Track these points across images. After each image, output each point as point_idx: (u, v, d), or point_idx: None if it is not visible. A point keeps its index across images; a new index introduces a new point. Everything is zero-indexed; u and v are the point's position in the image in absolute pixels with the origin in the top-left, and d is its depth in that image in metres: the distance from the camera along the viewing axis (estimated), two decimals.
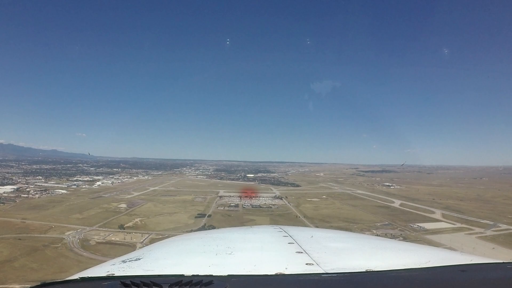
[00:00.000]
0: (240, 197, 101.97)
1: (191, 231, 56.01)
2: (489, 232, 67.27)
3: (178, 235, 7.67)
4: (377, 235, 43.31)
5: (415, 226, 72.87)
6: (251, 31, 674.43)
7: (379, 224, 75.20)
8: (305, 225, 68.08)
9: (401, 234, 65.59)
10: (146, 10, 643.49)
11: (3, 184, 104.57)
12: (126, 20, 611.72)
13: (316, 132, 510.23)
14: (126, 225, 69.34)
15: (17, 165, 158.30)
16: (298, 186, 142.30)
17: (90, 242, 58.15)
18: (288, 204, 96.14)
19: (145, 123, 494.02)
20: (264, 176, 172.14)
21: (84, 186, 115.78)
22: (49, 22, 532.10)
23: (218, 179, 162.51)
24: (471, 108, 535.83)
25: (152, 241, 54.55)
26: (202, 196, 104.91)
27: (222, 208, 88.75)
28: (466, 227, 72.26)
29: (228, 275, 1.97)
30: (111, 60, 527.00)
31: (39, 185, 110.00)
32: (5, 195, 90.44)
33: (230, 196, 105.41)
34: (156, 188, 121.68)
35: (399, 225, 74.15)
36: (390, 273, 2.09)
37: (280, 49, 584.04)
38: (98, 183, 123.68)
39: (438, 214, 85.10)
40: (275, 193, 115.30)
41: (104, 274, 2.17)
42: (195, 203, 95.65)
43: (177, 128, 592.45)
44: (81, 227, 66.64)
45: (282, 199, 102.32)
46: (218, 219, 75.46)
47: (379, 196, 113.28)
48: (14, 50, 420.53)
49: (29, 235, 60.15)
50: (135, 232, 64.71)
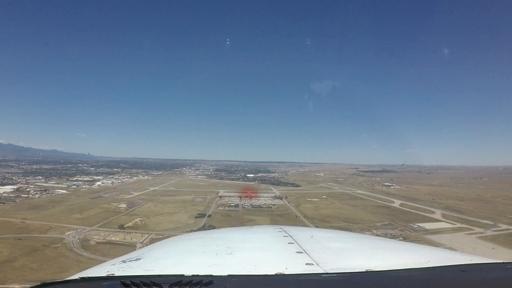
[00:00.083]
0: (240, 197, 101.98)
1: (191, 231, 56.01)
2: (489, 232, 67.28)
3: (178, 235, 7.67)
4: (377, 235, 43.32)
5: (415, 226, 72.89)
6: (251, 31, 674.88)
7: (379, 224, 75.22)
8: (305, 225, 68.08)
9: (401, 234, 65.60)
10: (146, 10, 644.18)
11: (3, 184, 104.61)
12: (126, 20, 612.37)
13: (316, 132, 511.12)
14: (126, 225, 69.37)
15: (17, 165, 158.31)
16: (298, 186, 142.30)
17: (90, 242, 58.17)
18: (288, 204, 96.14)
19: (145, 123, 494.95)
20: (264, 176, 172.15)
21: (84, 186, 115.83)
22: (49, 22, 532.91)
23: (218, 179, 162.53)
24: (471, 108, 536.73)
25: (152, 241, 54.55)
26: (202, 196, 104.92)
27: (222, 208, 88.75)
28: (466, 227, 72.28)
29: (228, 275, 1.98)
30: (111, 60, 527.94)
31: (39, 185, 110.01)
32: (5, 195, 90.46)
33: (230, 196, 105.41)
34: (156, 188, 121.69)
35: (399, 225, 74.17)
36: (390, 273, 2.09)
37: (280, 49, 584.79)
38: (98, 183, 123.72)
39: (438, 214, 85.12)
40: (275, 193, 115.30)
41: (104, 274, 2.18)
42: (195, 203, 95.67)
43: (177, 128, 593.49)
44: (81, 227, 66.66)
45: (282, 199, 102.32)
46: (218, 219, 75.48)
47: (379, 196, 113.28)
48: (14, 50, 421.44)
49: (29, 235, 60.16)
50: (135, 232, 64.74)
